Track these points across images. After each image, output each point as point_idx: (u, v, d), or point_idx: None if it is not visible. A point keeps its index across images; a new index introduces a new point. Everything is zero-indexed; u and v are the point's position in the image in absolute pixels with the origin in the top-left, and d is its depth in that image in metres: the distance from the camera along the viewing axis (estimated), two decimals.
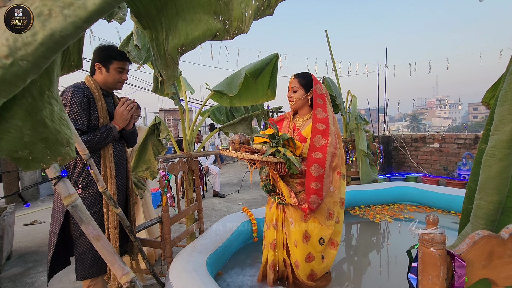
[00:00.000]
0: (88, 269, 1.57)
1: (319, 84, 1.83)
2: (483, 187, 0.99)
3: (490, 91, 1.18)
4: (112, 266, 0.62)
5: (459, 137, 5.56)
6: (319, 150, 1.67)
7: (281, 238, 1.85)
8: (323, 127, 1.70)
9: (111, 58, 1.58)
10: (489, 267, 0.67)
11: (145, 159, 2.69)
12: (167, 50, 0.72)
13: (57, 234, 1.53)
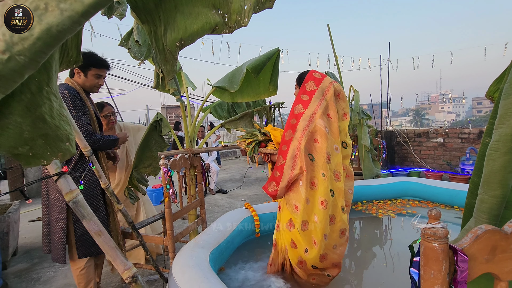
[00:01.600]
0: (89, 248, 1.71)
1: (314, 81, 1.81)
2: (486, 181, 0.98)
3: (495, 84, 1.16)
4: (114, 261, 0.63)
5: (463, 132, 5.52)
6: (286, 143, 1.78)
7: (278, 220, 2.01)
8: (294, 122, 1.78)
9: (89, 65, 1.67)
10: (492, 262, 0.66)
11: (147, 156, 2.70)
12: (165, 44, 0.71)
13: (65, 219, 1.68)
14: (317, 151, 1.75)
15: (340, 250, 1.80)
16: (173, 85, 1.97)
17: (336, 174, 1.78)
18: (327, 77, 1.87)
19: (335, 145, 1.79)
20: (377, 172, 4.15)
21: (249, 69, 2.09)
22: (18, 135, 0.49)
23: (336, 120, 1.82)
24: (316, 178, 1.75)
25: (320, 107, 1.78)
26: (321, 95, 1.81)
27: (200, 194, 2.65)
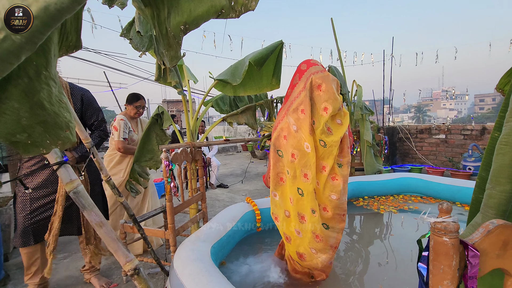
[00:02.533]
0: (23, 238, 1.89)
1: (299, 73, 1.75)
2: (495, 176, 0.96)
3: (505, 77, 1.13)
4: (115, 253, 0.61)
5: (465, 128, 5.48)
6: None
7: None
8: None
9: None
10: (504, 257, 0.64)
11: (148, 149, 2.68)
12: (169, 28, 0.69)
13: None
14: (284, 148, 1.73)
15: (323, 258, 1.70)
16: (175, 77, 1.94)
17: (305, 174, 1.67)
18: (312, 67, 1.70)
19: (306, 143, 1.64)
20: (379, 167, 4.13)
21: (252, 61, 2.06)
22: (16, 122, 0.47)
23: (308, 116, 1.65)
24: (283, 174, 1.75)
25: (294, 102, 1.69)
26: (301, 89, 1.71)
27: (201, 188, 2.64)
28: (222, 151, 10.72)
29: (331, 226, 1.71)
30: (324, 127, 1.63)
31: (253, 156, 9.15)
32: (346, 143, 1.67)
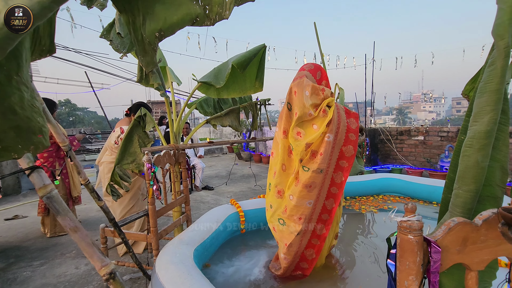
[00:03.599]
0: None
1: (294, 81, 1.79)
2: (461, 177, 1.02)
3: (470, 83, 1.21)
4: (91, 258, 0.61)
5: (442, 130, 5.72)
6: None
7: None
8: None
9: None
10: (463, 253, 0.69)
11: (130, 152, 2.64)
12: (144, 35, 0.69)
13: None
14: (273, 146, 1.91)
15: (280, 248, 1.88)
16: (157, 79, 1.93)
17: (274, 171, 1.88)
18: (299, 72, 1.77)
19: (279, 145, 1.79)
20: (361, 168, 4.24)
21: (235, 64, 2.08)
22: None
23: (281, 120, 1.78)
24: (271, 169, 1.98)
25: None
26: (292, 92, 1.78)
27: (185, 190, 2.62)
28: (207, 153, 10.65)
29: (287, 224, 1.80)
30: (293, 131, 1.70)
31: (239, 158, 9.15)
32: (323, 150, 1.64)
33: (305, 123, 1.69)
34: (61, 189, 3.26)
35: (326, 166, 1.68)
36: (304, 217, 1.73)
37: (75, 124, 41.99)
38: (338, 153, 1.72)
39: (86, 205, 4.27)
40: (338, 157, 1.73)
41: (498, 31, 0.89)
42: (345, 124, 1.69)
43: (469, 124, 1.01)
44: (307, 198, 1.70)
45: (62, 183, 3.27)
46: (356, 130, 1.71)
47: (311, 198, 1.71)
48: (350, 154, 1.72)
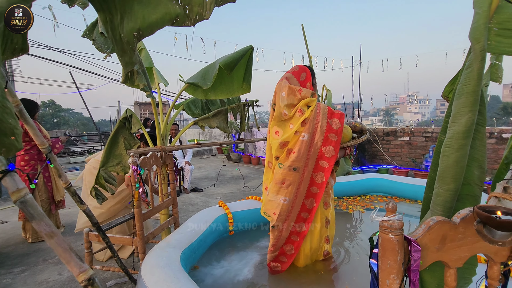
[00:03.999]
0: None
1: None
2: (441, 176, 1.04)
3: (449, 85, 1.25)
4: (68, 264, 0.59)
5: (426, 131, 5.87)
6: None
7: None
8: None
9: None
10: (442, 250, 0.71)
11: (116, 154, 2.59)
12: (122, 34, 0.68)
13: None
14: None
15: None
16: (142, 80, 1.90)
17: (266, 187, 1.96)
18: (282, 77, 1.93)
19: (269, 161, 1.94)
20: (348, 169, 4.30)
21: (222, 65, 2.07)
22: None
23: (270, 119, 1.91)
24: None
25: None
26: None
27: (172, 192, 2.59)
28: (196, 155, 10.56)
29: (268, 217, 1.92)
30: (272, 129, 1.83)
31: (228, 159, 9.12)
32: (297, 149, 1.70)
33: (284, 123, 1.77)
34: (44, 192, 3.16)
35: (303, 165, 1.72)
36: (279, 214, 1.79)
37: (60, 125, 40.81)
38: (317, 153, 1.73)
39: (71, 209, 4.16)
40: (318, 157, 1.74)
41: (474, 35, 0.92)
42: (324, 124, 1.70)
43: (449, 124, 1.04)
44: (281, 195, 1.77)
45: (44, 186, 3.18)
46: (338, 131, 1.70)
47: (286, 195, 1.76)
48: (330, 154, 1.72)
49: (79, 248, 2.89)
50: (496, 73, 1.65)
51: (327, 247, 2.04)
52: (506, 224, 0.63)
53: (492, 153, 5.02)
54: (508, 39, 1.03)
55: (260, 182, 5.70)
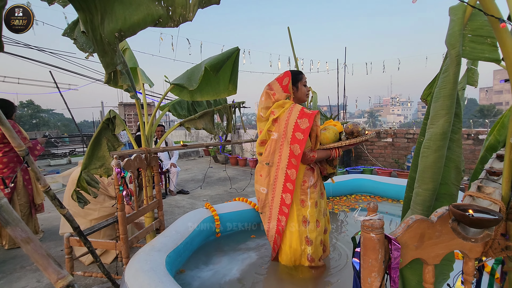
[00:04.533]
0: None
1: None
2: (420, 176, 1.08)
3: (428, 89, 1.30)
4: (45, 270, 0.57)
5: (408, 132, 6.06)
6: None
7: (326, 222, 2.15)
8: None
9: None
10: (421, 248, 0.73)
11: (98, 156, 2.52)
12: (103, 35, 0.66)
13: None
14: None
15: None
16: (126, 80, 1.86)
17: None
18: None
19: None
20: None
21: (208, 67, 2.06)
22: None
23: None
24: None
25: None
26: None
27: (157, 195, 2.55)
28: (183, 156, 10.44)
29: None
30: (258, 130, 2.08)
31: (215, 161, 9.06)
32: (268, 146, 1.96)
33: (263, 123, 2.00)
34: (23, 196, 3.04)
35: (277, 161, 1.92)
36: (261, 200, 2.04)
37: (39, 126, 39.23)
38: (288, 151, 1.86)
39: (51, 213, 4.01)
40: (290, 155, 1.86)
41: (450, 41, 0.96)
42: (293, 124, 1.83)
43: (427, 126, 1.08)
44: (259, 184, 2.03)
45: (24, 189, 3.06)
46: (305, 130, 1.81)
47: (263, 185, 2.01)
48: (297, 152, 1.83)
49: (60, 254, 2.79)
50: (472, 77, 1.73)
51: (309, 250, 1.98)
52: (478, 221, 0.66)
53: (470, 153, 5.23)
54: (481, 45, 1.08)
55: (247, 183, 5.69)
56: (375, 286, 0.68)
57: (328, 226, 2.18)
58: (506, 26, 0.72)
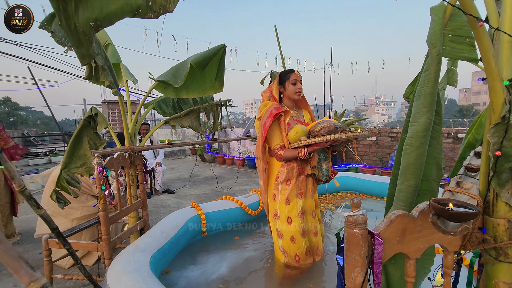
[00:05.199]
0: None
1: None
2: (403, 173, 1.10)
3: (410, 87, 1.33)
4: (17, 273, 0.54)
5: (392, 131, 6.21)
6: None
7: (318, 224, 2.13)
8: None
9: None
10: (403, 243, 0.75)
11: (79, 155, 2.44)
12: (78, 24, 0.63)
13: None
14: None
15: None
16: (108, 76, 1.80)
17: None
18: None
19: None
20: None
21: (194, 64, 2.03)
22: None
23: None
24: None
25: None
26: None
27: (142, 194, 2.49)
28: (169, 155, 10.28)
29: None
30: None
31: (202, 160, 8.98)
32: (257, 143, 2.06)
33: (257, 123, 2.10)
34: (4, 196, 2.91)
35: (261, 156, 2.01)
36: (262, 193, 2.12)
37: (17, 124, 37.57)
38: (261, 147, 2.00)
39: (29, 215, 3.85)
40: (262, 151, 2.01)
41: (431, 40, 0.98)
42: (263, 122, 1.94)
43: (409, 124, 1.10)
44: (259, 177, 2.14)
45: (5, 190, 2.93)
46: (265, 128, 1.91)
47: (260, 178, 2.11)
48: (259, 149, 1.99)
49: (39, 257, 2.68)
50: (452, 78, 1.78)
51: (280, 242, 2.01)
52: (457, 215, 0.68)
53: (450, 151, 5.42)
54: (460, 45, 1.11)
55: (233, 182, 5.67)
56: (358, 281, 0.69)
57: (318, 227, 2.11)
58: (483, 26, 0.74)
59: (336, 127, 1.82)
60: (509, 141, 0.78)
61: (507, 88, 0.78)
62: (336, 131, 1.80)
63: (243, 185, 5.53)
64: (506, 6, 0.81)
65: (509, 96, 0.78)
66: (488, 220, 0.83)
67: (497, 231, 0.81)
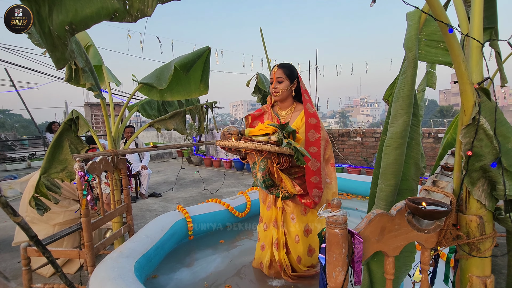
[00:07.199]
0: None
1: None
2: (383, 173, 1.13)
3: (389, 89, 1.37)
4: None
5: (376, 132, 6.36)
6: (314, 144, 1.71)
7: (282, 237, 1.83)
8: (314, 122, 1.73)
9: None
10: (382, 241, 0.77)
11: (60, 159, 2.36)
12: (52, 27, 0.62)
13: None
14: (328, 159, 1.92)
15: None
16: (89, 79, 1.76)
17: None
18: None
19: None
20: None
21: (178, 66, 2.01)
22: None
23: None
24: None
25: None
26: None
27: (126, 199, 2.44)
28: (155, 158, 10.11)
29: None
30: None
31: (189, 162, 8.89)
32: None
33: None
34: None
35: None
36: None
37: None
38: None
39: (6, 223, 3.69)
40: None
41: (407, 44, 1.02)
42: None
43: (388, 125, 1.14)
44: None
45: None
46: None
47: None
48: None
49: (17, 266, 2.58)
50: (431, 80, 1.85)
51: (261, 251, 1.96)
52: (430, 213, 0.71)
53: (430, 151, 5.61)
54: (435, 49, 1.16)
55: (220, 184, 5.64)
56: (339, 280, 0.71)
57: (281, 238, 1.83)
58: (454, 32, 0.78)
59: (229, 133, 1.52)
60: (479, 142, 0.82)
61: (477, 91, 0.82)
62: (224, 137, 1.54)
63: (231, 187, 5.52)
64: (474, 13, 0.85)
65: (478, 98, 0.82)
66: (461, 217, 0.87)
67: (469, 227, 0.84)
